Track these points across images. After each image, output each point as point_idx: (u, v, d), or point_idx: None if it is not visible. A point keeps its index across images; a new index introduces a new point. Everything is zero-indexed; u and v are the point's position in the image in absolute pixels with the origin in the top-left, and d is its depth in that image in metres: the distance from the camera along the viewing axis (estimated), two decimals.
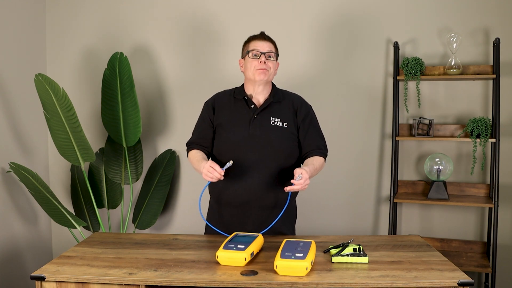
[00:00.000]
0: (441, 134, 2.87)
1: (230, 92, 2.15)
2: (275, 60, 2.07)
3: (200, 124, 2.17)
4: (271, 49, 2.05)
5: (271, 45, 2.06)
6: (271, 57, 2.04)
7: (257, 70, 2.01)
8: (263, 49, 2.03)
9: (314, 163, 2.01)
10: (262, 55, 2.02)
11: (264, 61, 2.01)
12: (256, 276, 1.53)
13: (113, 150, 3.11)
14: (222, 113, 2.09)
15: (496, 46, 2.66)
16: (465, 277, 1.52)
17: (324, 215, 3.06)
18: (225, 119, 2.08)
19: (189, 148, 2.17)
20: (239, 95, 2.10)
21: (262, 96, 2.08)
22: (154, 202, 3.08)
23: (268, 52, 2.03)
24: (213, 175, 1.88)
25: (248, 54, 2.04)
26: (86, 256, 1.74)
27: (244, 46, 2.11)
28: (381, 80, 2.98)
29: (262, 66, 2.01)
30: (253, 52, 2.03)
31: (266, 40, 2.06)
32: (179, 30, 3.14)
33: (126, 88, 2.92)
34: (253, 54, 2.03)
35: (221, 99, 2.14)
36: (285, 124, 2.05)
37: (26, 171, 2.67)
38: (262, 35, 2.08)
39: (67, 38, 3.25)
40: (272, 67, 2.04)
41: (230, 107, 2.10)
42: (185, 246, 1.87)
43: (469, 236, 2.92)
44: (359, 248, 1.70)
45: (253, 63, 2.02)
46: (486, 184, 2.85)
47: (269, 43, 2.06)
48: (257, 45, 2.04)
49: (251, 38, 2.09)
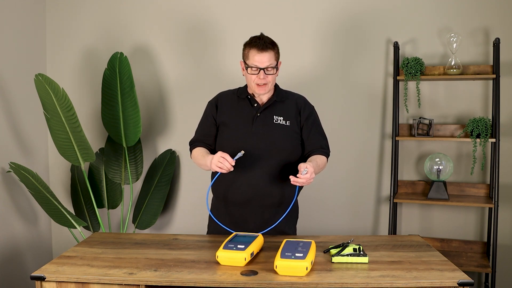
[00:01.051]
0: (441, 134, 2.87)
1: (233, 91, 2.16)
2: (275, 72, 2.02)
3: (203, 122, 2.17)
4: (271, 62, 1.99)
5: (271, 56, 1.99)
6: (270, 71, 2.00)
7: (256, 85, 2.01)
8: (261, 64, 1.97)
9: (317, 161, 2.02)
10: (260, 71, 1.98)
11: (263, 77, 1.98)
12: (256, 276, 1.53)
13: (113, 150, 3.11)
14: (226, 111, 2.10)
15: (496, 46, 2.66)
16: (465, 277, 1.52)
17: (324, 215, 3.06)
18: (228, 117, 2.08)
19: (192, 146, 2.16)
20: (242, 94, 2.11)
21: (266, 96, 2.09)
22: (154, 202, 3.08)
23: (267, 67, 1.98)
24: (223, 165, 1.87)
25: (247, 69, 2.00)
26: (86, 256, 1.74)
27: (244, 52, 2.04)
28: (381, 80, 2.98)
29: (261, 82, 1.99)
30: (251, 68, 1.99)
31: (265, 51, 1.97)
32: (179, 30, 3.14)
33: (126, 88, 2.92)
34: (252, 70, 1.99)
35: (224, 97, 2.15)
36: (288, 123, 2.06)
37: (26, 171, 2.67)
38: (261, 44, 1.98)
39: (67, 38, 3.25)
40: (271, 80, 2.02)
41: (233, 105, 2.10)
42: (185, 246, 1.87)
43: (469, 236, 2.92)
44: (359, 248, 1.70)
45: (252, 77, 2.00)
46: (486, 184, 2.85)
47: (268, 53, 1.98)
48: (256, 60, 1.97)
49: (251, 44, 2.00)
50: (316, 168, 1.97)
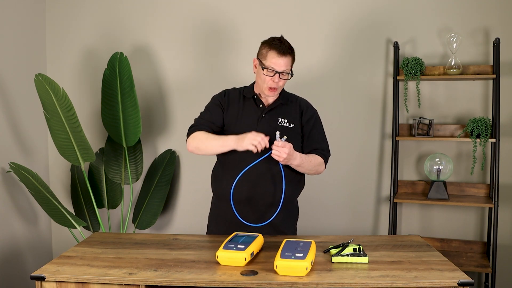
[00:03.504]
0: (441, 134, 2.87)
1: (239, 90, 2.16)
2: (289, 77, 2.02)
3: (210, 108, 2.12)
4: (288, 67, 1.98)
5: (288, 61, 1.98)
6: (285, 76, 2.00)
7: (267, 87, 2.00)
8: (279, 68, 1.96)
9: (309, 156, 2.04)
10: (276, 74, 1.97)
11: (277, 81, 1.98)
12: (256, 276, 1.53)
13: (113, 150, 3.11)
14: (232, 107, 2.10)
15: (496, 46, 2.66)
16: (465, 277, 1.52)
17: (324, 215, 3.06)
18: (234, 114, 2.08)
19: (195, 128, 2.07)
20: (248, 94, 2.10)
21: (272, 98, 2.09)
22: (154, 202, 3.08)
23: (284, 71, 1.98)
24: (259, 143, 1.85)
25: (263, 70, 1.98)
26: (86, 256, 1.74)
27: (262, 52, 2.01)
28: (381, 80, 2.98)
29: (273, 85, 1.99)
30: (268, 69, 1.97)
31: (284, 56, 1.96)
32: (179, 30, 3.14)
33: (126, 88, 2.92)
34: (268, 71, 1.97)
35: (231, 94, 2.14)
36: (292, 125, 2.07)
37: (26, 171, 2.67)
38: (282, 49, 1.96)
39: (67, 38, 3.25)
40: (283, 84, 2.02)
41: (238, 104, 2.10)
42: (185, 246, 1.87)
43: (469, 236, 2.92)
44: (359, 248, 1.70)
45: (266, 79, 1.99)
46: (486, 184, 2.85)
47: (287, 58, 1.97)
48: (274, 63, 1.96)
49: (271, 45, 1.98)
50: (304, 159, 1.99)
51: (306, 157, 2.02)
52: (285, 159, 1.89)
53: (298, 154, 1.97)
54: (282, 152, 1.87)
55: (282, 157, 1.88)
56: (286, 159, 1.90)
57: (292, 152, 1.91)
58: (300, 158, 1.97)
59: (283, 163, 1.93)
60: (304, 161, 1.99)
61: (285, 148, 1.87)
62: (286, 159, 1.90)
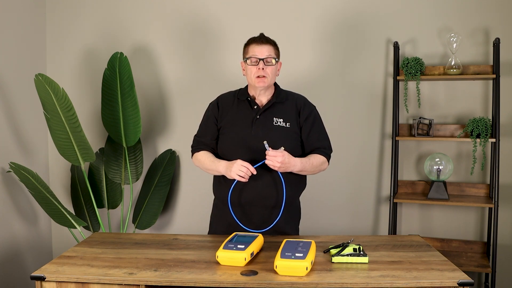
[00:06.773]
0: (441, 134, 2.87)
1: (233, 93, 2.16)
2: (275, 63, 2.03)
3: (205, 123, 2.16)
4: (270, 53, 2.01)
5: (270, 48, 2.02)
6: (270, 62, 2.01)
7: (256, 78, 2.01)
8: (261, 55, 1.99)
9: (310, 158, 2.03)
10: (260, 61, 1.99)
11: (263, 68, 1.99)
12: (256, 276, 1.53)
13: (113, 150, 3.11)
14: (226, 113, 2.10)
15: (496, 46, 2.66)
16: (465, 277, 1.52)
17: (324, 215, 3.06)
18: (228, 119, 2.08)
19: (196, 149, 2.15)
20: (242, 96, 2.10)
21: (265, 97, 2.09)
22: (154, 202, 3.08)
23: (267, 57, 2.00)
24: (246, 173, 1.89)
25: (247, 61, 2.02)
26: (86, 256, 1.74)
27: (244, 50, 2.08)
28: (381, 80, 2.98)
29: (260, 73, 1.99)
30: (251, 59, 2.01)
31: (264, 44, 2.01)
32: (179, 30, 3.14)
33: (126, 88, 2.92)
34: (252, 61, 2.01)
35: (225, 99, 2.15)
36: (288, 124, 2.05)
37: (26, 171, 2.67)
38: (260, 38, 2.04)
39: (67, 38, 3.25)
40: (271, 73, 2.02)
41: (233, 108, 2.10)
42: (185, 246, 1.87)
43: (469, 236, 2.92)
44: (359, 248, 1.70)
45: (252, 70, 2.01)
46: (486, 184, 2.85)
47: (268, 46, 2.02)
48: (255, 51, 2.00)
49: (250, 41, 2.06)
50: (306, 164, 1.99)
51: (307, 161, 2.01)
52: (282, 167, 1.90)
53: (298, 160, 1.97)
54: (275, 161, 1.88)
55: (276, 166, 1.88)
56: (283, 167, 1.91)
57: (289, 160, 1.91)
58: (300, 163, 1.97)
59: (281, 171, 1.94)
60: (305, 165, 1.99)
61: (278, 157, 1.87)
62: (283, 167, 1.91)
